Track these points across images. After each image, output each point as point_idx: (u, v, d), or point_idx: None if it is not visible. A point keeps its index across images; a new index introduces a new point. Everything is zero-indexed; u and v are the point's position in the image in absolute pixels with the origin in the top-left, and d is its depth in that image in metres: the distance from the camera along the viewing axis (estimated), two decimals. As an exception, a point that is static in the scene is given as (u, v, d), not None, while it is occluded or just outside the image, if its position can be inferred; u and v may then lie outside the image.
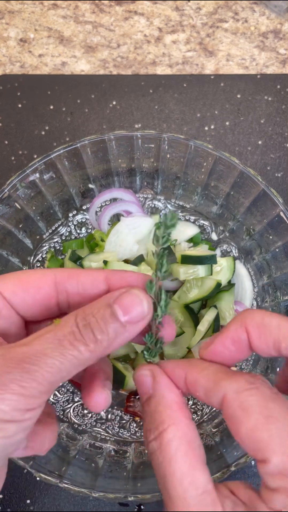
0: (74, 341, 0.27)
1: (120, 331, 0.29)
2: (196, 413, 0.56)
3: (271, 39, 0.77)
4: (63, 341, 0.27)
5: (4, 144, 0.70)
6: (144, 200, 0.64)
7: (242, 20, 0.78)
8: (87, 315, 0.28)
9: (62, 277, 0.32)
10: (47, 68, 0.75)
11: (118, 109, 0.72)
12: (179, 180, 0.61)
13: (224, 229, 0.63)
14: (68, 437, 0.52)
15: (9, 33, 0.77)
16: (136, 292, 0.30)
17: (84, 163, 0.57)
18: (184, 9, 0.78)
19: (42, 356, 0.26)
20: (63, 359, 0.26)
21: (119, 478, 0.48)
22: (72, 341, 0.27)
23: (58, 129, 0.71)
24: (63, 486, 0.44)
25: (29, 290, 0.31)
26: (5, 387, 0.25)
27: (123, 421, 0.56)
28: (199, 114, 0.72)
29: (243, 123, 0.71)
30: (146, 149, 0.58)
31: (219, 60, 0.76)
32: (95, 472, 0.48)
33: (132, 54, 0.76)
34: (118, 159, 0.59)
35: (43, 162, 0.54)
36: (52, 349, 0.26)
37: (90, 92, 0.73)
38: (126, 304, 0.29)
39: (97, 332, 0.28)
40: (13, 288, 0.31)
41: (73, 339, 0.27)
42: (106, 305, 0.29)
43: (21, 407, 0.25)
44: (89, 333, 0.28)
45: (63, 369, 0.27)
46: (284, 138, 0.71)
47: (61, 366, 0.26)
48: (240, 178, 0.55)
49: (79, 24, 0.78)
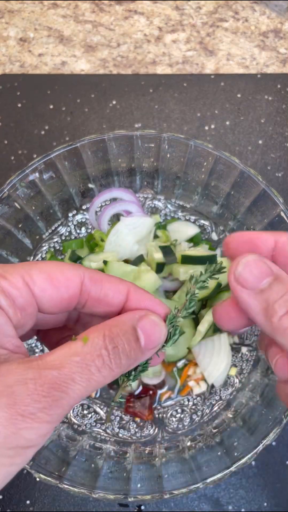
0: (102, 367, 0.27)
1: (140, 357, 0.29)
2: (196, 413, 0.56)
3: (272, 38, 0.77)
4: (91, 367, 0.27)
5: (4, 143, 0.70)
6: (144, 200, 0.64)
7: (242, 20, 0.78)
8: (115, 337, 0.28)
9: (90, 279, 0.31)
10: (47, 68, 0.75)
11: (118, 108, 0.72)
12: (179, 179, 0.61)
13: (224, 229, 0.63)
14: (68, 438, 0.52)
15: (9, 33, 0.77)
16: (158, 321, 0.31)
17: (84, 163, 0.57)
18: (184, 9, 0.78)
19: (71, 382, 0.26)
20: (88, 385, 0.27)
21: (119, 479, 0.47)
22: (100, 367, 0.27)
23: (58, 129, 0.71)
24: (63, 486, 0.44)
25: (60, 289, 0.30)
26: (34, 417, 0.25)
27: (123, 421, 0.56)
28: (199, 114, 0.72)
29: (243, 123, 0.71)
30: (146, 149, 0.58)
31: (219, 59, 0.76)
32: (95, 472, 0.48)
33: (132, 54, 0.76)
34: (118, 159, 0.59)
35: (43, 161, 0.54)
36: (81, 374, 0.27)
37: (90, 92, 0.72)
38: (149, 330, 0.30)
39: (124, 357, 0.28)
40: (44, 285, 0.30)
41: (101, 366, 0.27)
42: (132, 328, 0.29)
43: (45, 433, 0.26)
44: (117, 358, 0.28)
45: (85, 395, 0.27)
46: (284, 138, 0.71)
47: (85, 392, 0.27)
48: (241, 178, 0.55)
49: (79, 24, 0.77)
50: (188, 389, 0.57)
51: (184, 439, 0.53)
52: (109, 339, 0.28)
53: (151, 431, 0.56)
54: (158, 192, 0.64)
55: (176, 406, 0.57)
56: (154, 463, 0.50)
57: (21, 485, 0.57)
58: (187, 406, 0.57)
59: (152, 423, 0.56)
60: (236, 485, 0.57)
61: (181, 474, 0.47)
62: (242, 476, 0.57)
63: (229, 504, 0.56)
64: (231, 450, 0.47)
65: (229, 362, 0.57)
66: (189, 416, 0.56)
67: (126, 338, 0.29)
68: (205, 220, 0.63)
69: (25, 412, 0.25)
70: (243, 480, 0.57)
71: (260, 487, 0.57)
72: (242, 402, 0.53)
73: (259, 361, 0.57)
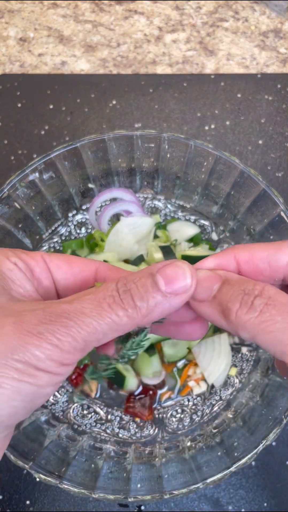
0: (113, 304, 0.27)
1: (161, 301, 0.28)
2: (196, 413, 0.56)
3: (272, 38, 0.77)
4: (102, 303, 0.27)
5: (4, 143, 0.70)
6: (144, 200, 0.64)
7: (242, 20, 0.78)
8: (128, 282, 0.28)
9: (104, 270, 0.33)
10: (47, 68, 0.75)
11: (118, 108, 0.72)
12: (179, 179, 0.61)
13: (225, 229, 0.63)
14: (68, 438, 0.52)
15: (9, 32, 0.77)
16: (181, 264, 0.30)
17: (84, 163, 0.57)
18: (184, 8, 0.78)
19: (81, 314, 0.27)
20: (101, 320, 0.27)
21: (119, 479, 0.47)
22: (111, 304, 0.27)
23: (58, 129, 0.71)
24: (63, 487, 0.44)
25: (74, 269, 0.32)
26: (42, 336, 0.25)
27: (123, 421, 0.56)
28: (199, 114, 0.72)
29: (243, 123, 0.71)
30: (146, 149, 0.58)
31: (219, 59, 0.76)
32: (95, 473, 0.48)
33: (132, 54, 0.76)
34: (118, 159, 0.59)
35: (42, 161, 0.54)
36: (91, 309, 0.27)
37: (90, 92, 0.72)
38: (170, 275, 0.29)
39: (137, 299, 0.28)
40: (58, 262, 0.32)
41: (112, 302, 0.27)
42: (149, 274, 0.29)
43: (56, 359, 0.26)
44: (129, 299, 0.28)
45: (100, 330, 0.27)
46: (284, 138, 0.71)
47: (98, 327, 0.27)
48: (241, 178, 0.55)
49: (79, 23, 0.77)
50: (188, 389, 0.57)
51: (184, 439, 0.53)
52: (121, 283, 0.28)
53: (151, 431, 0.56)
54: (158, 192, 0.64)
55: (176, 406, 0.57)
56: (154, 463, 0.50)
57: (21, 485, 0.57)
58: (187, 406, 0.57)
59: (152, 423, 0.56)
60: (236, 485, 0.57)
61: (181, 474, 0.47)
62: (242, 476, 0.57)
63: (229, 504, 0.56)
64: (231, 450, 0.47)
65: (229, 362, 0.57)
66: (189, 416, 0.56)
67: (142, 282, 0.28)
68: (205, 220, 0.63)
69: (32, 329, 0.25)
70: (243, 480, 0.57)
71: (260, 487, 0.57)
72: (242, 402, 0.53)
73: (259, 361, 0.57)
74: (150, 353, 0.56)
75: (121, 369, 0.56)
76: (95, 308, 0.27)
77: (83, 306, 0.27)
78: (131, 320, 0.28)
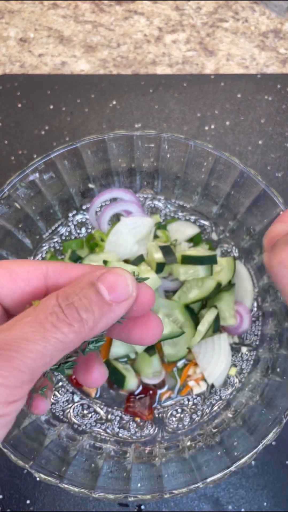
0: (57, 322, 0.25)
1: (107, 310, 0.27)
2: (196, 413, 0.56)
3: (271, 38, 0.77)
4: (45, 324, 0.25)
5: (4, 143, 0.70)
6: (144, 200, 0.64)
7: (242, 20, 0.78)
8: (69, 295, 0.26)
9: (54, 271, 0.30)
10: (47, 68, 0.75)
11: (118, 108, 0.72)
12: (179, 180, 0.61)
13: (224, 229, 0.63)
14: (68, 438, 0.52)
15: (9, 33, 0.77)
16: (119, 271, 0.28)
17: (84, 163, 0.57)
18: (184, 9, 0.78)
19: (23, 341, 0.24)
20: (46, 343, 0.25)
21: (119, 479, 0.47)
22: (54, 323, 0.25)
23: (58, 129, 0.71)
24: (63, 486, 0.44)
25: (18, 283, 0.29)
26: None
27: (123, 421, 0.56)
28: (199, 114, 0.72)
29: (243, 123, 0.71)
30: (146, 149, 0.58)
31: (219, 59, 0.76)
32: (95, 472, 0.48)
33: (132, 54, 0.76)
34: (118, 159, 0.59)
35: (43, 162, 0.54)
36: (34, 332, 0.25)
37: (90, 92, 0.72)
38: (112, 282, 0.27)
39: (82, 311, 0.26)
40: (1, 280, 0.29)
41: (55, 320, 0.25)
42: (90, 283, 0.27)
43: (3, 400, 0.24)
44: (74, 312, 0.26)
45: (46, 354, 0.25)
46: (284, 138, 0.71)
47: (43, 350, 0.25)
48: (240, 178, 0.55)
49: (79, 24, 0.78)
50: (188, 389, 0.57)
51: (184, 438, 0.53)
52: (62, 298, 0.26)
53: (151, 431, 0.56)
54: (158, 192, 0.64)
55: (176, 406, 0.57)
56: (154, 463, 0.50)
57: (21, 485, 0.57)
58: (187, 406, 0.57)
59: (152, 423, 0.56)
60: (236, 485, 0.57)
61: (181, 473, 0.47)
62: (242, 476, 0.58)
63: (229, 503, 0.56)
64: (231, 450, 0.47)
65: (229, 362, 0.57)
66: (189, 416, 0.56)
67: (84, 293, 0.26)
68: (205, 220, 0.64)
69: None
70: (243, 480, 0.57)
71: (260, 487, 0.57)
72: (242, 402, 0.53)
73: (259, 361, 0.57)
74: (150, 353, 0.56)
75: (122, 369, 0.56)
76: (37, 330, 0.25)
77: (24, 331, 0.25)
78: (78, 335, 0.26)
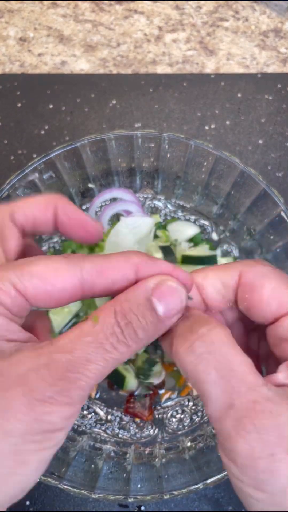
0: (117, 344, 0.26)
1: (160, 327, 0.28)
2: (196, 413, 0.56)
3: (272, 38, 0.77)
4: (105, 345, 0.26)
5: (4, 143, 0.70)
6: (144, 200, 0.64)
7: (242, 19, 0.77)
8: (127, 313, 0.27)
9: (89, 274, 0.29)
10: (46, 67, 0.75)
11: (118, 108, 0.72)
12: (179, 179, 0.61)
13: (225, 229, 0.63)
14: (68, 438, 0.52)
15: (9, 32, 0.77)
16: (175, 285, 0.28)
17: (84, 163, 0.57)
18: (184, 8, 0.78)
19: (86, 363, 0.26)
20: (106, 363, 0.26)
21: (119, 479, 0.47)
22: (115, 344, 0.26)
23: (58, 129, 0.71)
24: (62, 487, 0.44)
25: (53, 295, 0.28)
26: (54, 401, 0.25)
27: (123, 422, 0.56)
28: (199, 113, 0.72)
29: (243, 123, 0.71)
30: (146, 149, 0.58)
31: (219, 59, 0.75)
32: (95, 473, 0.48)
33: (132, 53, 0.76)
34: (118, 159, 0.59)
35: (42, 161, 0.54)
36: (95, 354, 0.26)
37: (90, 91, 0.72)
38: (166, 297, 0.28)
39: (140, 332, 0.27)
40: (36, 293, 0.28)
41: (116, 342, 0.26)
42: (145, 299, 0.27)
43: (68, 415, 0.26)
44: (132, 334, 0.27)
45: (105, 373, 0.26)
46: (285, 138, 0.71)
47: (104, 370, 0.26)
48: (241, 178, 0.55)
49: (79, 23, 0.77)
50: (188, 390, 0.57)
51: (184, 439, 0.53)
52: (121, 315, 0.27)
53: (151, 432, 0.56)
54: (158, 192, 0.64)
55: (176, 406, 0.57)
56: (154, 464, 0.49)
57: (21, 486, 0.57)
58: (187, 407, 0.57)
59: (152, 424, 0.56)
60: (236, 486, 0.57)
61: (181, 474, 0.47)
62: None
63: (229, 504, 0.56)
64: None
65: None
66: (189, 417, 0.56)
67: (141, 311, 0.27)
68: (205, 220, 0.63)
69: (43, 397, 0.25)
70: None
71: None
72: (242, 403, 0.53)
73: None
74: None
75: (121, 370, 0.56)
76: (98, 351, 0.26)
77: (87, 353, 0.26)
78: (132, 352, 0.27)
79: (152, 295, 0.27)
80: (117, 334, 0.26)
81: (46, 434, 0.25)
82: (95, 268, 0.29)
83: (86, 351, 0.26)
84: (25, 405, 0.24)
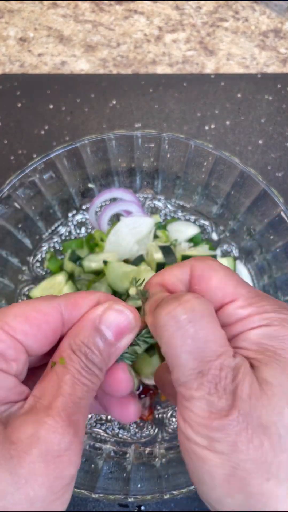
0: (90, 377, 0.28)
1: (113, 351, 0.29)
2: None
3: (272, 38, 0.77)
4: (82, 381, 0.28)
5: (4, 143, 0.70)
6: (144, 200, 0.64)
7: (242, 19, 0.78)
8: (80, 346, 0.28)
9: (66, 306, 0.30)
10: (46, 67, 0.75)
11: (118, 108, 0.72)
12: (179, 179, 0.61)
13: (225, 229, 0.63)
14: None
15: (9, 32, 0.77)
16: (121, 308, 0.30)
17: (84, 163, 0.57)
18: (184, 8, 0.78)
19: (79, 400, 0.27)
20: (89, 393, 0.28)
21: (119, 479, 0.47)
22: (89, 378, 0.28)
23: (58, 129, 0.71)
24: (62, 487, 0.44)
25: (41, 327, 0.29)
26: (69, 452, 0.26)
27: (123, 421, 0.56)
28: (199, 114, 0.72)
29: (243, 123, 0.71)
30: (146, 149, 0.58)
31: (219, 59, 0.75)
32: (95, 473, 0.48)
33: (132, 53, 0.76)
34: (118, 159, 0.59)
35: (42, 161, 0.54)
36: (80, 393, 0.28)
37: (90, 92, 0.72)
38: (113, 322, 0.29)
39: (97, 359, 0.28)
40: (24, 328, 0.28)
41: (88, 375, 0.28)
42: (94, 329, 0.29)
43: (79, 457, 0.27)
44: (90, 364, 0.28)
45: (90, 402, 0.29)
46: (284, 138, 0.71)
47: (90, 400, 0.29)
48: (241, 178, 0.55)
49: (79, 23, 0.77)
50: (188, 389, 0.57)
51: (184, 439, 0.53)
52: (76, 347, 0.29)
53: (151, 432, 0.56)
54: (158, 192, 0.64)
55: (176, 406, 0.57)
56: (154, 464, 0.49)
57: (21, 486, 0.57)
58: (187, 406, 0.57)
59: (152, 424, 0.56)
60: (236, 486, 0.57)
61: (181, 474, 0.47)
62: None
63: (229, 504, 0.56)
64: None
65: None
66: (189, 416, 0.56)
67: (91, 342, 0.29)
68: (205, 220, 0.63)
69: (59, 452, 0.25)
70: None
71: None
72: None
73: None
74: (150, 353, 0.56)
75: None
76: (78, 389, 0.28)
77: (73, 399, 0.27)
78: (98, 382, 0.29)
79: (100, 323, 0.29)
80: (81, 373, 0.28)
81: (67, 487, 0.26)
82: (69, 299, 0.31)
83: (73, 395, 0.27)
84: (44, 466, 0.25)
